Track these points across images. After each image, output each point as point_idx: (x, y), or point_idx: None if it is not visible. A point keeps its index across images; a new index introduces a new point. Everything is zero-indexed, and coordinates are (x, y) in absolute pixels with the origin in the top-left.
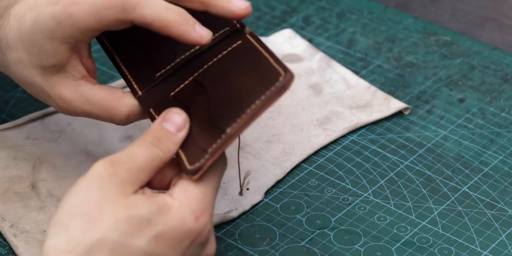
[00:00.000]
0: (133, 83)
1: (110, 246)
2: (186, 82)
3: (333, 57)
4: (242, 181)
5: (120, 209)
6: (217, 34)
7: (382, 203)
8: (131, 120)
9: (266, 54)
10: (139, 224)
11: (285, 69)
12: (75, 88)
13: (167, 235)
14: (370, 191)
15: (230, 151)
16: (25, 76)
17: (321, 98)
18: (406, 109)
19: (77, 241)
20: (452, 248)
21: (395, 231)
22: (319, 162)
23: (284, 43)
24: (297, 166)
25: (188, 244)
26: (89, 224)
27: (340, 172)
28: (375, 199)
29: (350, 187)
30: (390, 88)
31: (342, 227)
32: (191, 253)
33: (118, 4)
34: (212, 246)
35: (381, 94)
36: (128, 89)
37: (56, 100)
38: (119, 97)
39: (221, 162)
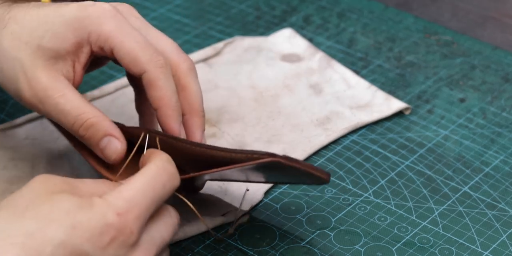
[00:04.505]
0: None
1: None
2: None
3: (333, 56)
4: (236, 222)
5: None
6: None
7: (383, 203)
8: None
9: (303, 169)
10: (57, 214)
11: (327, 175)
12: (55, 80)
13: (85, 225)
14: (370, 191)
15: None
16: (12, 46)
17: (321, 98)
18: (406, 109)
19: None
20: (453, 248)
21: (395, 231)
22: (319, 162)
23: (284, 42)
24: None
25: (108, 240)
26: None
27: (340, 172)
28: (375, 199)
29: (351, 187)
30: (391, 87)
31: (343, 228)
32: (114, 253)
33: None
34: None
35: (381, 94)
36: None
37: (29, 81)
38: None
39: (165, 176)
